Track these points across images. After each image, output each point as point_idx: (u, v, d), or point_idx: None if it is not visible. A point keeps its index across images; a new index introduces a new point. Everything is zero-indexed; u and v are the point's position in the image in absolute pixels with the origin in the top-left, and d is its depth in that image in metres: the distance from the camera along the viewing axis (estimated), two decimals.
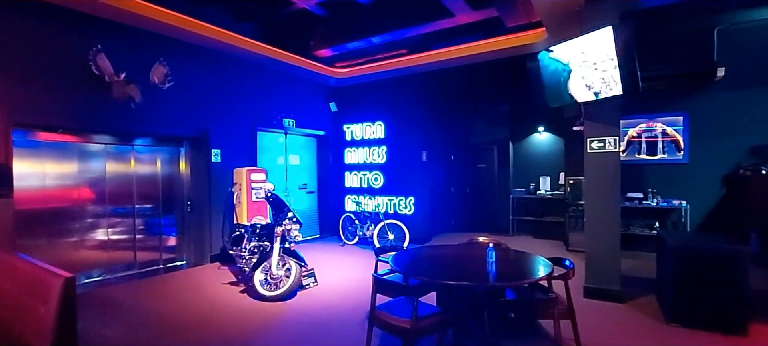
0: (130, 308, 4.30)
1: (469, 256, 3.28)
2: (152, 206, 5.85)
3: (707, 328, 3.45)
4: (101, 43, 4.87)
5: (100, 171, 5.30)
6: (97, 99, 4.92)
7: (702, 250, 3.44)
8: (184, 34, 5.55)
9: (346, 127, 8.48)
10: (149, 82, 5.33)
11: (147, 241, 5.79)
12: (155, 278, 5.50)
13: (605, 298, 4.26)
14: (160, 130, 5.65)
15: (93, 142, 5.24)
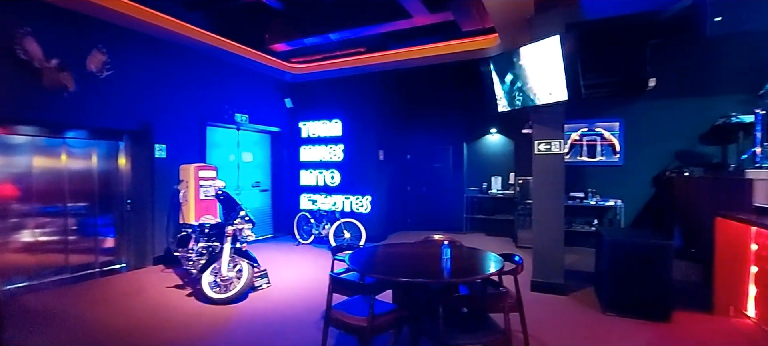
0: (60, 316, 3.93)
1: (425, 254, 3.33)
2: (87, 205, 5.39)
3: (638, 315, 3.76)
4: (30, 25, 4.41)
5: (26, 166, 4.80)
6: (23, 87, 4.45)
7: (633, 245, 3.75)
8: (126, 19, 5.16)
9: (302, 124, 8.32)
10: (85, 70, 4.91)
11: (81, 242, 5.32)
12: (90, 283, 5.08)
13: (550, 291, 4.52)
14: (96, 123, 5.22)
15: (17, 133, 4.73)
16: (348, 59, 7.16)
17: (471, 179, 8.81)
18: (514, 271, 2.99)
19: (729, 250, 3.75)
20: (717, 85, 6.14)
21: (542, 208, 4.56)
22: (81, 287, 4.89)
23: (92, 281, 5.18)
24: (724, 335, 3.43)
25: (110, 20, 5.15)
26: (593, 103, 6.85)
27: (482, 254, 3.17)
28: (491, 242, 7.51)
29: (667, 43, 6.29)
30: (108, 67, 5.11)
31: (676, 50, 6.31)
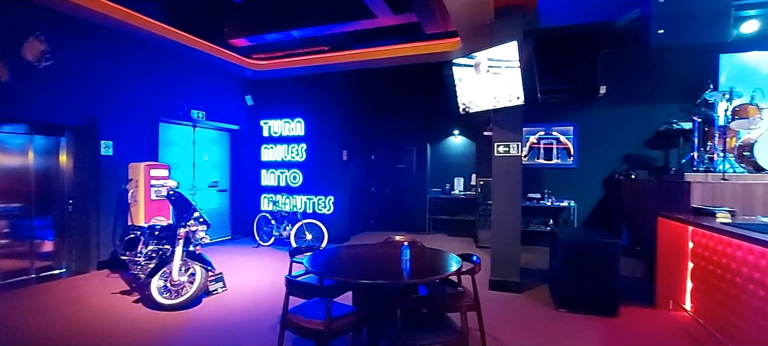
0: None
1: (385, 255, 3.31)
2: (22, 205, 4.95)
3: (588, 311, 3.94)
4: None
5: None
6: None
7: (583, 244, 3.92)
8: (69, 6, 4.79)
9: (263, 122, 8.09)
10: (21, 60, 4.51)
11: (14, 246, 4.88)
12: (25, 290, 4.66)
13: (507, 289, 4.64)
14: (34, 116, 4.81)
15: None
16: (311, 57, 7.04)
17: (434, 180, 8.92)
18: (472, 271, 3.03)
19: (669, 248, 4.01)
20: (661, 93, 6.57)
21: (501, 208, 4.68)
22: (14, 294, 4.48)
23: (28, 288, 4.76)
24: (663, 328, 3.65)
25: (51, 6, 4.76)
26: (550, 108, 7.14)
27: (441, 255, 3.20)
28: (453, 242, 7.63)
29: (617, 53, 6.65)
30: (47, 57, 4.72)
31: (625, 60, 6.68)
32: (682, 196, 4.29)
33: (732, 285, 2.95)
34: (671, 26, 3.50)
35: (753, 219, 3.49)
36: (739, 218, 3.57)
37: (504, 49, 4.31)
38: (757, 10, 5.29)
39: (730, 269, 2.98)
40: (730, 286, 2.98)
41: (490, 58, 4.47)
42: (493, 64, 4.43)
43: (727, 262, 3.03)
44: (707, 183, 4.19)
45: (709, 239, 3.33)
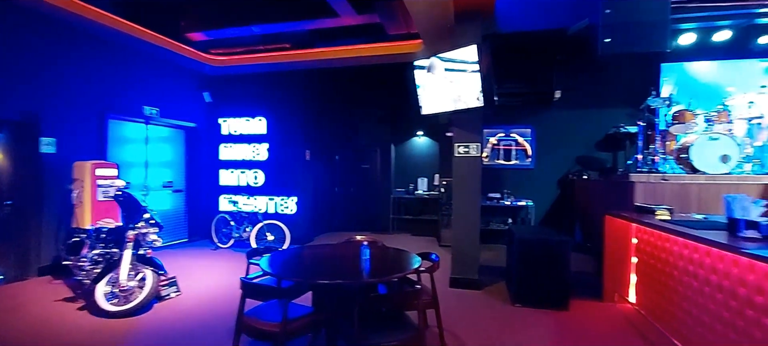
0: None
1: (345, 255, 3.30)
2: None
3: (541, 305, 4.10)
4: None
5: None
6: None
7: (537, 241, 4.09)
8: None
9: (222, 120, 7.82)
10: None
11: None
12: None
13: (467, 286, 4.75)
14: None
15: None
16: (273, 54, 6.89)
17: (398, 180, 8.98)
18: (431, 269, 3.07)
19: (615, 244, 4.25)
20: (610, 99, 6.96)
21: (461, 208, 4.78)
22: None
23: None
24: (609, 320, 3.87)
25: None
26: (509, 111, 7.39)
27: (401, 254, 3.22)
28: (416, 241, 7.71)
29: (571, 60, 6.98)
30: None
31: (578, 67, 7.02)
32: (627, 195, 4.56)
33: (670, 278, 3.17)
34: (616, 36, 3.72)
35: (688, 216, 3.77)
36: (676, 215, 3.83)
37: (464, 52, 4.41)
38: (692, 23, 5.73)
39: (668, 262, 3.20)
40: (668, 278, 3.20)
41: (451, 59, 4.56)
42: (454, 66, 4.52)
43: (666, 256, 3.25)
44: (649, 183, 4.47)
45: (650, 235, 3.56)
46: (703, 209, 4.13)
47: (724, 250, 2.39)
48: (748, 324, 2.23)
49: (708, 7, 4.97)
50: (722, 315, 2.46)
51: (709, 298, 2.60)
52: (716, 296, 2.54)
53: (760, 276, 2.13)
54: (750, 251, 2.12)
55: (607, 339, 3.47)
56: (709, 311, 2.60)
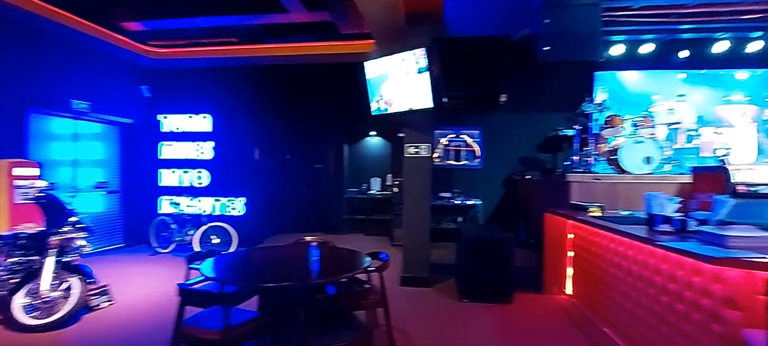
0: None
1: (294, 256, 3.23)
2: None
3: (487, 300, 4.27)
4: None
5: None
6: None
7: (483, 238, 4.26)
8: None
9: (162, 117, 7.34)
10: None
11: None
12: None
13: (417, 284, 4.83)
14: None
15: None
16: (219, 49, 6.59)
17: (351, 180, 8.95)
18: (380, 268, 3.09)
19: (554, 239, 4.52)
20: (550, 103, 7.39)
21: (411, 207, 4.86)
22: None
23: None
24: (548, 311, 4.12)
25: None
26: (459, 113, 7.62)
27: (350, 254, 3.21)
28: (369, 241, 7.73)
29: (516, 65, 7.31)
30: None
31: (522, 72, 7.37)
32: (564, 194, 4.86)
33: (599, 269, 3.42)
34: (554, 44, 3.97)
35: (616, 213, 4.09)
36: (606, 212, 4.15)
37: (414, 54, 4.48)
38: (622, 36, 6.24)
39: (599, 255, 3.45)
40: (597, 270, 3.46)
41: (402, 60, 4.62)
42: (404, 67, 4.58)
43: (596, 250, 3.50)
44: (584, 182, 4.80)
45: (584, 230, 3.82)
46: (629, 205, 4.49)
47: (642, 243, 2.62)
48: (664, 309, 2.47)
49: (634, 21, 5.43)
50: (642, 302, 2.70)
51: (632, 287, 2.84)
52: (637, 285, 2.77)
53: (672, 266, 2.36)
54: (663, 243, 2.34)
55: (544, 330, 3.68)
56: (632, 298, 2.84)
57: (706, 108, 6.91)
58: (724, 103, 6.89)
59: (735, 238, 2.07)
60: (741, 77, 6.85)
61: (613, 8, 4.94)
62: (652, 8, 5.04)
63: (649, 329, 2.63)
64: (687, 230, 2.56)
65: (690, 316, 2.22)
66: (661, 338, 2.49)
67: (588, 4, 3.97)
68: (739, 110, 6.84)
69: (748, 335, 1.77)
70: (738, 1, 4.86)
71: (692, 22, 5.50)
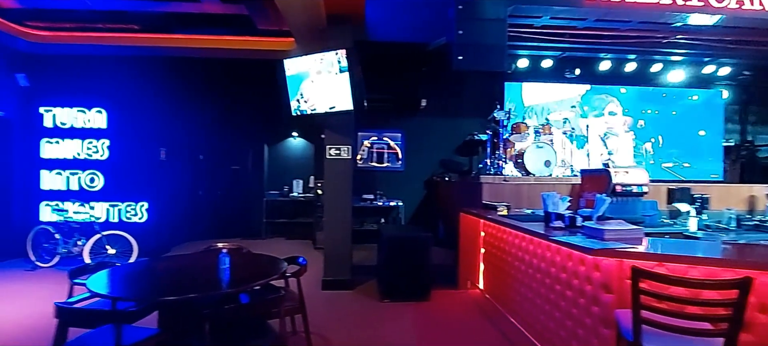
0: None
1: (202, 265, 3.00)
2: None
3: (406, 299, 4.37)
4: None
5: None
6: None
7: (402, 238, 4.37)
8: None
9: (44, 109, 6.31)
10: None
11: None
12: None
13: (339, 287, 4.79)
14: None
15: None
16: (117, 36, 5.88)
17: (272, 182, 8.60)
18: (298, 273, 3.00)
19: (467, 237, 4.80)
20: (466, 109, 7.85)
21: (332, 210, 4.80)
22: None
23: None
24: (462, 305, 4.35)
25: None
26: (381, 115, 7.75)
27: (265, 260, 3.07)
28: (290, 245, 7.50)
29: (435, 72, 7.66)
30: None
31: (441, 78, 7.74)
32: (477, 194, 5.20)
33: (505, 264, 3.71)
34: (466, 54, 4.23)
35: (520, 211, 4.47)
36: (513, 210, 4.52)
37: (335, 54, 4.45)
38: (526, 51, 6.88)
39: (505, 251, 3.73)
40: (504, 265, 3.74)
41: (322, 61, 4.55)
42: (325, 68, 4.53)
43: (503, 246, 3.79)
44: (494, 184, 5.17)
45: (493, 228, 4.11)
46: (532, 204, 4.94)
47: (539, 238, 2.90)
48: (557, 297, 2.74)
49: (536, 38, 6.02)
50: (540, 292, 2.98)
51: (532, 278, 3.12)
52: (536, 276, 3.05)
53: (563, 258, 2.63)
54: (555, 238, 2.61)
55: (459, 324, 3.88)
56: (532, 288, 3.12)
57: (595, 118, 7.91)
58: (610, 114, 7.95)
59: (610, 231, 2.38)
60: (622, 92, 7.95)
61: (517, 25, 5.41)
62: (551, 28, 5.63)
63: (545, 315, 2.91)
64: (575, 225, 2.88)
65: (577, 301, 2.50)
66: (555, 322, 2.77)
67: (495, 19, 4.30)
68: (621, 120, 7.95)
69: (619, 314, 2.04)
70: (617, 27, 5.63)
71: (582, 42, 6.26)
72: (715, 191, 4.99)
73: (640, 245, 2.33)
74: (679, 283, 1.78)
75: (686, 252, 2.21)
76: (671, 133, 7.98)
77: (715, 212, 4.49)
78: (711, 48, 6.38)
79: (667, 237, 3.71)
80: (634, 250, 2.19)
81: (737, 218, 4.33)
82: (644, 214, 4.31)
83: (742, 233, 4.03)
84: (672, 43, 6.15)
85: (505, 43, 4.33)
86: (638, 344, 1.80)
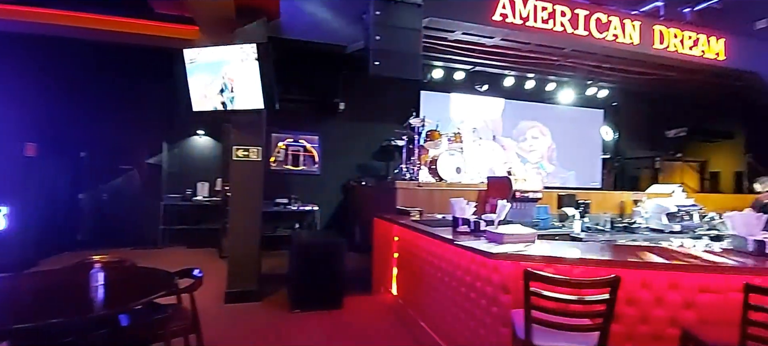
0: None
1: (71, 283, 2.54)
2: None
3: (318, 307, 4.22)
4: None
5: None
6: None
7: (315, 244, 4.23)
8: None
9: None
10: None
11: None
12: None
13: (246, 299, 4.45)
14: None
15: None
16: None
17: (172, 185, 7.75)
18: (191, 287, 2.68)
19: (382, 242, 4.82)
20: (384, 115, 7.95)
21: (239, 215, 4.46)
22: None
23: None
24: (375, 311, 4.33)
25: None
26: (298, 117, 7.49)
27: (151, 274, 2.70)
28: (192, 255, 6.84)
29: (354, 75, 7.62)
30: None
31: (360, 83, 7.71)
32: (392, 199, 5.25)
33: (417, 268, 3.77)
34: (383, 61, 4.25)
35: (433, 216, 4.61)
36: (425, 215, 4.64)
37: (244, 49, 4.15)
38: (440, 62, 7.20)
39: (417, 255, 3.79)
40: (416, 269, 3.80)
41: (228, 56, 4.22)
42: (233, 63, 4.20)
43: (415, 250, 3.84)
44: (409, 189, 5.27)
45: (406, 233, 4.16)
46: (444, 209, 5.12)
47: (446, 242, 2.99)
48: (462, 299, 2.84)
49: (449, 51, 6.32)
50: (448, 294, 3.07)
51: (440, 281, 3.21)
52: (444, 279, 3.14)
53: (467, 261, 2.74)
54: (460, 243, 2.71)
55: (372, 330, 3.84)
56: (440, 291, 3.20)
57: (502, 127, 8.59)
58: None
59: (508, 235, 2.53)
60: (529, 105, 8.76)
61: (433, 37, 5.62)
62: (462, 42, 5.95)
63: (452, 317, 3.00)
64: (480, 229, 3.02)
65: (479, 302, 2.61)
66: (461, 324, 2.87)
67: (411, 29, 4.40)
68: (530, 133, 8.79)
69: (514, 314, 2.17)
70: (518, 47, 6.16)
71: (491, 58, 6.74)
72: (595, 197, 5.69)
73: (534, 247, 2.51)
74: (563, 283, 1.94)
75: (570, 254, 2.43)
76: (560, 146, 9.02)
77: (595, 215, 5.12)
78: (593, 73, 7.32)
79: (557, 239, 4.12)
80: (527, 253, 2.35)
81: (611, 220, 4.99)
82: (539, 217, 4.75)
83: (615, 234, 4.66)
84: (563, 65, 6.92)
85: (420, 53, 4.44)
86: (529, 341, 1.92)
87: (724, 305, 2.16)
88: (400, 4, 4.37)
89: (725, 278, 2.18)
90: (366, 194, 6.89)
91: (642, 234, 4.70)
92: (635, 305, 2.24)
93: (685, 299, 2.22)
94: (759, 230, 2.41)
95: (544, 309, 1.88)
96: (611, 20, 5.78)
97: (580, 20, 5.63)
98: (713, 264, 2.25)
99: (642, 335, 2.24)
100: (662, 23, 6.15)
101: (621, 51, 5.97)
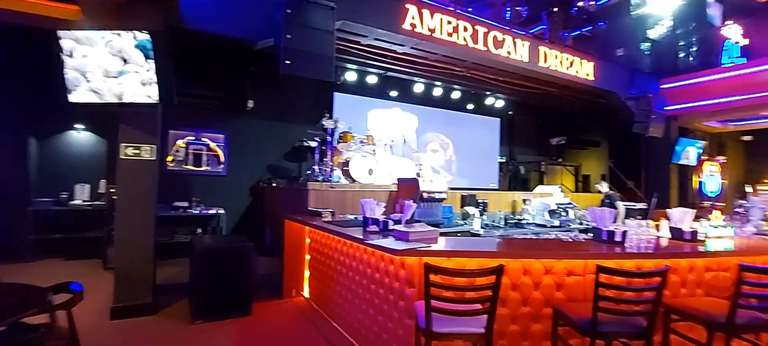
0: None
1: None
2: None
3: (224, 316, 3.98)
4: None
5: None
6: None
7: (220, 250, 3.98)
8: None
9: None
10: None
11: None
12: None
13: (137, 314, 4.00)
14: None
15: None
16: None
17: (43, 187, 6.61)
18: (69, 303, 2.35)
19: (293, 244, 4.72)
20: (296, 115, 7.81)
21: (128, 220, 4.00)
22: None
23: None
24: (286, 315, 4.24)
25: None
26: (201, 113, 6.97)
27: (16, 291, 2.30)
28: (70, 267, 5.94)
29: (264, 73, 7.34)
30: None
31: (271, 81, 7.46)
32: (304, 200, 5.18)
33: (329, 269, 3.78)
34: (294, 60, 4.18)
35: (345, 217, 4.66)
36: (337, 216, 4.67)
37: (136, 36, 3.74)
38: (353, 66, 7.30)
39: (329, 256, 3.81)
40: (328, 269, 3.81)
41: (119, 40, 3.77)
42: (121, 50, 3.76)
43: (328, 251, 3.86)
44: (321, 190, 5.25)
45: (318, 234, 4.15)
46: (356, 210, 5.22)
47: (356, 242, 3.06)
48: (372, 296, 2.94)
49: (361, 55, 6.44)
50: (359, 292, 3.14)
51: (352, 280, 3.27)
52: (355, 278, 3.21)
53: (377, 259, 2.84)
54: (369, 242, 2.80)
55: (282, 334, 3.75)
56: (352, 291, 3.27)
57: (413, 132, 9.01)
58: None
59: (413, 233, 2.69)
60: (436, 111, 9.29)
61: (346, 40, 5.69)
62: (374, 47, 6.12)
63: (362, 314, 3.08)
64: (388, 229, 3.15)
65: (387, 297, 2.73)
66: (370, 320, 2.96)
67: (324, 30, 4.40)
68: (437, 138, 9.31)
69: (417, 305, 2.32)
70: (426, 56, 6.54)
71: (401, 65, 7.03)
72: (492, 197, 6.30)
73: (436, 243, 2.71)
74: (458, 274, 2.13)
75: (466, 248, 2.68)
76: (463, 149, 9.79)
77: (492, 213, 5.68)
78: (491, 85, 8.08)
79: (458, 235, 4.48)
80: (429, 249, 2.53)
81: (505, 217, 5.58)
82: (444, 216, 5.10)
83: (508, 229, 5.23)
84: (466, 76, 7.52)
85: (332, 55, 4.45)
86: (429, 329, 2.07)
87: (585, 285, 2.58)
88: (312, 4, 4.34)
89: (585, 262, 2.61)
90: (277, 196, 6.69)
91: (529, 229, 5.35)
92: (518, 289, 2.56)
93: (556, 282, 2.60)
94: (610, 222, 2.92)
95: (441, 298, 2.05)
96: (505, 39, 6.46)
97: (479, 36, 6.19)
98: (574, 251, 2.68)
99: (524, 316, 2.56)
100: (546, 45, 7.05)
101: (513, 66, 6.69)
